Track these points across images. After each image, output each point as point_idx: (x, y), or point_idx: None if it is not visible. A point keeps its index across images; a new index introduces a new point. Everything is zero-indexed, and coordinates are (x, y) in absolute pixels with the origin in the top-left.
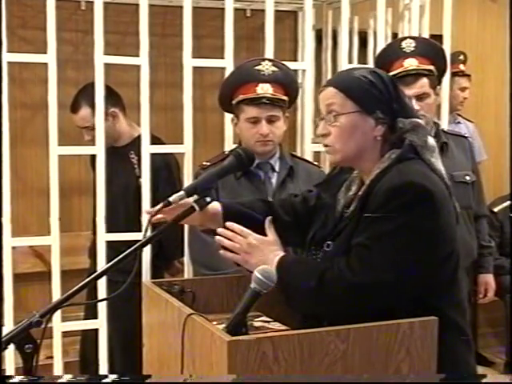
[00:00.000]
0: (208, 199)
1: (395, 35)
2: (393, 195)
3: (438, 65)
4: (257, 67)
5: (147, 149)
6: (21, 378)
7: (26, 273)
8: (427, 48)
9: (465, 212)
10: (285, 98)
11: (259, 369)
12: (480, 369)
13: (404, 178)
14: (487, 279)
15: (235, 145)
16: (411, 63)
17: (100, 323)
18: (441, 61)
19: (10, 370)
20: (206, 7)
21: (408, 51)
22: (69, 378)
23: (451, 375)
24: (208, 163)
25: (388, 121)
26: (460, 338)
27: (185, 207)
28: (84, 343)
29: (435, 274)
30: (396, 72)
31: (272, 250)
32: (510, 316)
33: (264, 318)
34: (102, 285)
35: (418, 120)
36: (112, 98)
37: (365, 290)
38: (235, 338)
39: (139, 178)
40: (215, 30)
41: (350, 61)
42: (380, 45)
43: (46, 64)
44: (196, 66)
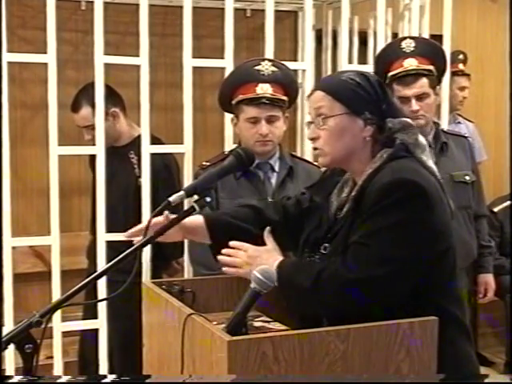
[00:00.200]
0: (208, 199)
1: (395, 35)
2: (386, 193)
3: (438, 65)
4: (256, 67)
5: (147, 149)
6: (21, 378)
7: (26, 273)
8: (427, 48)
9: (465, 212)
10: (284, 98)
11: (259, 369)
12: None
13: (396, 176)
14: (487, 279)
15: (235, 145)
16: (411, 63)
17: (100, 323)
18: (440, 61)
19: (10, 370)
20: (206, 7)
21: (408, 51)
22: (69, 379)
23: (451, 375)
24: (207, 163)
25: (377, 121)
26: (460, 332)
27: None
28: (83, 343)
29: (433, 269)
30: (396, 72)
31: (272, 256)
32: (510, 316)
33: (264, 318)
34: (102, 285)
35: (407, 119)
36: (113, 98)
37: (361, 286)
38: (235, 338)
39: (139, 178)
40: (215, 30)
41: (350, 61)
42: (380, 45)
43: (46, 64)
44: (196, 66)
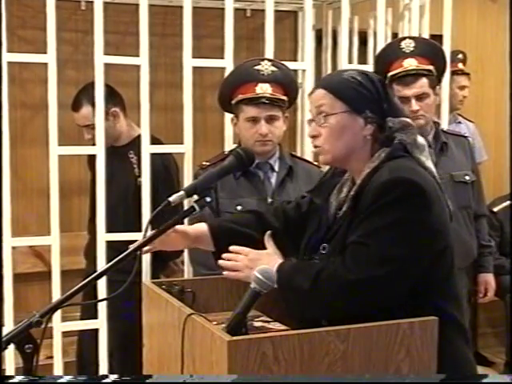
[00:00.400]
0: (208, 199)
1: (395, 35)
2: (383, 191)
3: (438, 65)
4: (256, 67)
5: (147, 149)
6: (21, 378)
7: (26, 273)
8: (426, 48)
9: (465, 212)
10: (284, 98)
11: (259, 369)
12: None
13: (394, 175)
14: (487, 278)
15: (235, 145)
16: (411, 63)
17: (100, 323)
18: (440, 61)
19: (10, 370)
20: (206, 7)
21: (407, 51)
22: (69, 379)
23: (451, 375)
24: (207, 163)
25: (377, 120)
26: (458, 333)
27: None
28: (80, 343)
29: (431, 269)
30: (395, 72)
31: (273, 260)
32: (510, 316)
33: (264, 318)
34: (102, 285)
35: (407, 119)
36: (113, 98)
37: (360, 286)
38: (235, 338)
39: (138, 178)
40: (215, 30)
41: (350, 61)
42: (380, 45)
43: (46, 64)
44: (196, 66)
